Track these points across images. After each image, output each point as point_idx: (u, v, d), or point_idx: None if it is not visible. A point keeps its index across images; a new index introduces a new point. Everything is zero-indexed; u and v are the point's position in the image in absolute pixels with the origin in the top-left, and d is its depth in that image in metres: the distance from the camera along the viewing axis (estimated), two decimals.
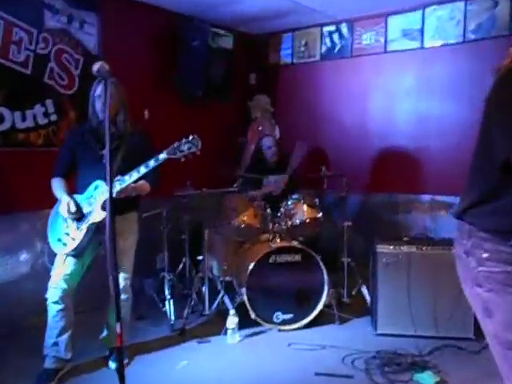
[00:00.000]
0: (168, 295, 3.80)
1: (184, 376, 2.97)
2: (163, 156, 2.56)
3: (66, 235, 2.80)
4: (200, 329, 3.65)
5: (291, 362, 3.14)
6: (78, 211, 2.75)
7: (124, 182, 2.56)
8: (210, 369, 3.06)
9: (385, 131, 4.72)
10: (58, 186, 2.85)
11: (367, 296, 3.93)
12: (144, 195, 2.90)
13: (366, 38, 4.74)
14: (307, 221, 3.85)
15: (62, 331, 2.84)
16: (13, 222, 3.56)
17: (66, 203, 2.74)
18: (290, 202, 3.92)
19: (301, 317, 3.65)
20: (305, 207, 3.88)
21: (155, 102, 4.40)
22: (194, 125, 4.66)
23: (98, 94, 2.74)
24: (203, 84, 4.57)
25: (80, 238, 2.76)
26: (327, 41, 5.01)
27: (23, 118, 3.63)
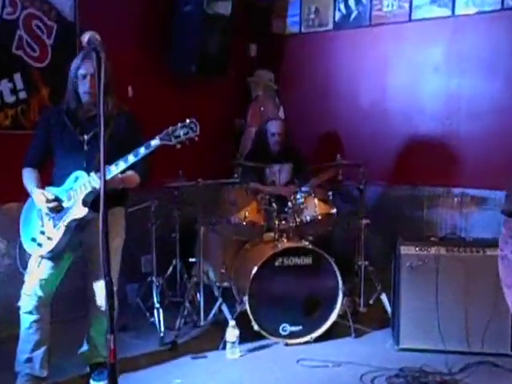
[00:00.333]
0: (156, 303, 3.79)
1: None
2: (156, 142, 2.54)
3: (42, 234, 2.79)
4: (194, 342, 3.66)
5: (300, 381, 3.16)
6: (56, 200, 2.74)
7: (110, 172, 2.55)
8: None
9: (408, 113, 4.72)
10: (29, 178, 2.84)
11: (388, 305, 3.95)
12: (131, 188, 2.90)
13: (388, 4, 4.72)
14: (319, 217, 3.86)
15: (36, 345, 2.85)
16: None
17: (41, 193, 2.74)
18: (298, 196, 3.92)
19: (311, 329, 3.67)
20: (316, 201, 3.89)
21: (140, 77, 4.37)
22: (186, 104, 4.65)
23: (84, 73, 2.71)
24: (197, 57, 4.54)
25: (58, 238, 2.75)
26: (342, 7, 4.99)
27: None
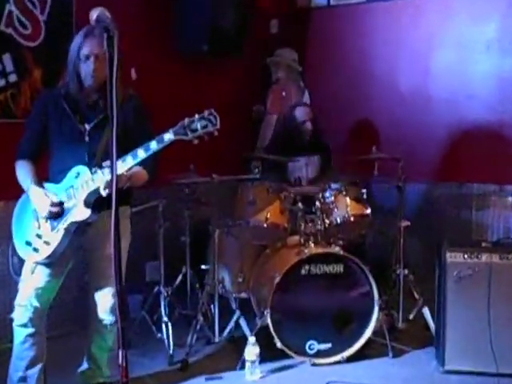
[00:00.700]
0: (165, 317, 3.84)
1: None
2: (169, 137, 2.54)
3: (38, 238, 2.84)
4: (208, 361, 3.71)
5: None
6: (61, 204, 2.79)
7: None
8: None
9: (455, 99, 4.73)
10: (24, 172, 2.88)
11: (430, 320, 3.96)
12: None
13: None
14: (351, 219, 3.87)
15: (31, 363, 2.90)
16: None
17: (44, 193, 2.79)
18: (328, 194, 3.94)
19: (342, 347, 3.69)
20: (348, 201, 3.90)
21: (145, 58, 4.42)
22: (197, 89, 4.70)
23: (87, 53, 2.74)
24: (209, 35, 4.58)
25: (56, 242, 2.80)
26: None
27: None
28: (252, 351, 3.50)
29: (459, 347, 3.51)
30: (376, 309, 3.69)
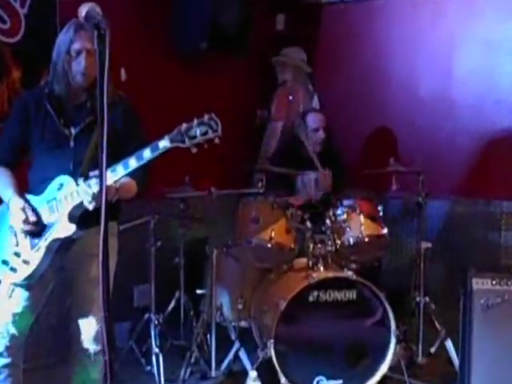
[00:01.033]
0: (155, 348, 3.85)
1: None
2: (165, 144, 2.52)
3: (16, 256, 2.83)
4: None
5: None
6: (38, 222, 2.80)
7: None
8: None
9: (481, 104, 4.75)
10: (3, 181, 2.90)
11: (454, 355, 3.96)
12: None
13: None
14: (366, 240, 3.90)
15: None
16: None
17: (21, 208, 2.79)
18: (339, 212, 3.97)
19: None
20: (362, 219, 3.93)
21: (136, 57, 4.47)
22: (194, 91, 4.73)
23: (78, 48, 2.76)
24: (208, 31, 4.62)
25: (37, 262, 2.79)
26: None
27: None
28: None
29: None
30: (393, 341, 3.70)
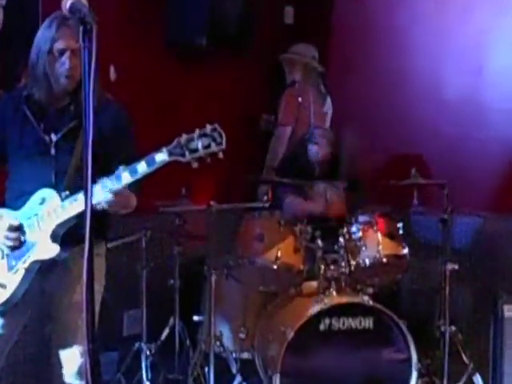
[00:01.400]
0: (146, 381, 3.86)
1: None
2: (163, 158, 2.53)
3: None
4: None
5: None
6: (20, 229, 2.79)
7: (93, 195, 2.58)
8: None
9: None
10: None
11: None
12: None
13: None
14: (383, 260, 3.89)
15: None
16: None
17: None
18: (354, 229, 3.96)
19: None
20: (380, 237, 3.92)
21: (126, 54, 4.48)
22: (191, 93, 4.74)
23: (61, 47, 2.75)
24: (207, 25, 4.63)
25: (14, 286, 2.79)
26: None
27: None
28: None
29: None
30: (414, 375, 3.69)
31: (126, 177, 2.60)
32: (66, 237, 2.76)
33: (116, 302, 4.14)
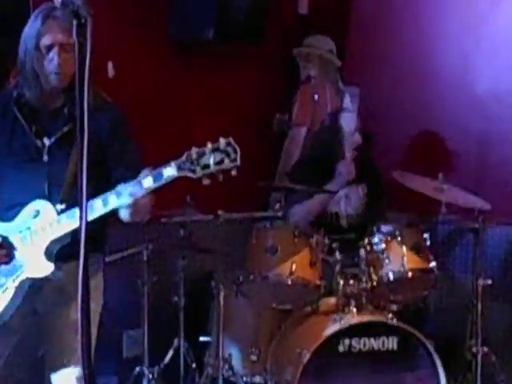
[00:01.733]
0: None
1: None
2: (171, 173, 2.52)
3: None
4: None
5: None
6: (6, 245, 2.80)
7: (92, 211, 2.57)
8: None
9: None
10: None
11: None
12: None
13: None
14: (409, 275, 3.88)
15: None
16: None
17: None
18: (376, 240, 3.96)
19: None
20: (404, 250, 3.91)
21: (129, 49, 4.51)
22: (198, 91, 4.75)
23: (48, 43, 2.76)
24: (215, 18, 4.64)
25: (3, 305, 2.80)
26: None
27: None
28: None
29: None
30: None
31: (128, 192, 2.61)
32: (59, 252, 2.77)
33: (115, 321, 4.15)
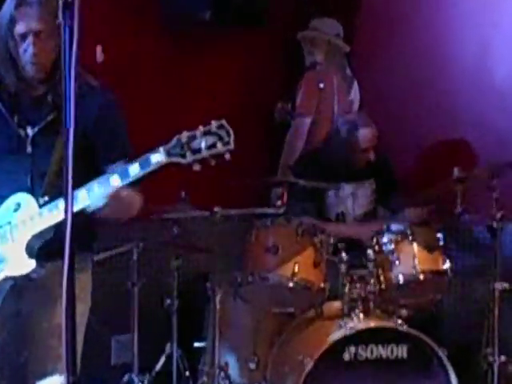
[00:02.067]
0: None
1: None
2: (159, 158, 2.55)
3: None
4: None
5: None
6: None
7: (77, 201, 2.57)
8: None
9: None
10: None
11: None
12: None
13: None
14: (421, 277, 3.91)
15: None
16: None
17: None
18: (385, 239, 3.99)
19: None
20: (416, 250, 3.94)
21: (116, 31, 4.54)
22: (195, 76, 4.76)
23: (22, 31, 2.75)
24: None
25: None
26: None
27: None
28: None
29: None
30: None
31: (114, 180, 2.61)
32: (43, 249, 2.79)
33: (103, 325, 4.16)
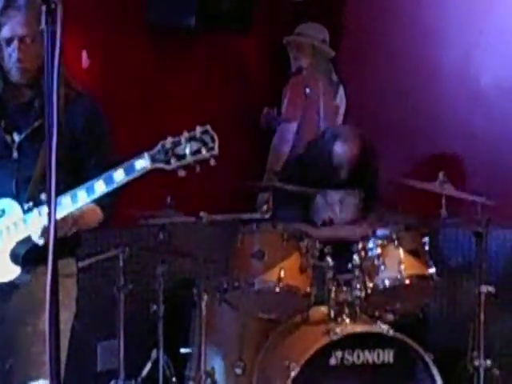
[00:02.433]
0: None
1: None
2: (144, 164, 2.56)
3: None
4: None
5: None
6: None
7: (61, 207, 2.59)
8: None
9: None
10: None
11: None
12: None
13: None
14: (406, 282, 3.91)
15: None
16: None
17: None
18: (371, 244, 4.00)
19: None
20: (402, 255, 3.95)
21: (102, 36, 4.53)
22: (180, 83, 4.75)
23: (8, 36, 2.76)
24: (197, 4, 4.64)
25: None
26: None
27: None
28: None
29: None
30: None
31: (100, 186, 2.62)
32: (28, 256, 2.79)
33: (88, 331, 4.16)
